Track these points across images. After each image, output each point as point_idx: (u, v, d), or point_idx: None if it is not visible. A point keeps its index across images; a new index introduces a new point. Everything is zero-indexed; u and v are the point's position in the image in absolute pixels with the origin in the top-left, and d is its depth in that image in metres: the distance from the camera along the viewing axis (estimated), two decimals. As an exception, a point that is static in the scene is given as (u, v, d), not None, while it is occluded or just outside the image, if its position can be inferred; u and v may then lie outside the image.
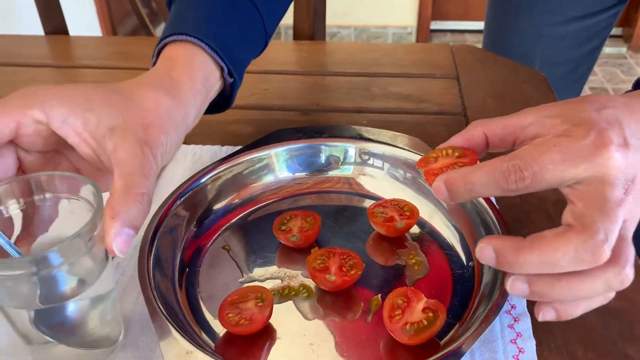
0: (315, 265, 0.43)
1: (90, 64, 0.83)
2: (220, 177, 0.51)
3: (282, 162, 0.54)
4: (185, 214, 0.48)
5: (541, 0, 0.89)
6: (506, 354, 0.39)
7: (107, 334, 0.39)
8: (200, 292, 0.44)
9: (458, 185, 0.35)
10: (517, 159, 0.33)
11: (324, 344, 0.40)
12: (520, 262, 0.32)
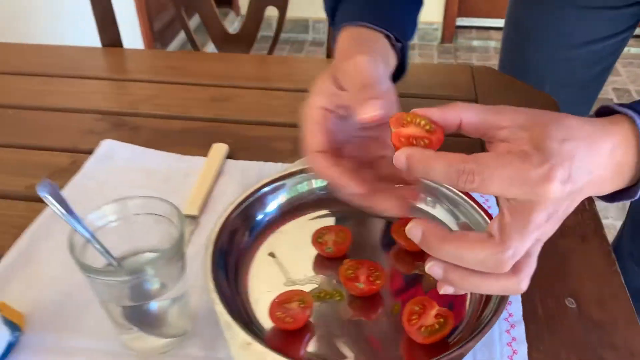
0: (346, 275, 0.52)
1: (142, 78, 0.93)
2: (269, 193, 0.61)
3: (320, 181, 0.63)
4: (240, 224, 0.58)
5: (552, 26, 0.95)
6: (502, 354, 0.47)
7: (180, 326, 0.49)
8: (250, 293, 0.53)
9: (417, 164, 0.40)
10: (473, 164, 0.37)
11: (353, 339, 0.49)
12: (438, 248, 0.40)
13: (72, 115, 0.83)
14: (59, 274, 0.56)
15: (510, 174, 0.37)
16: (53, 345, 0.49)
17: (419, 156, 0.40)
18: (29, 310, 0.52)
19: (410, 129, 0.42)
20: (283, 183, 0.61)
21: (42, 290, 0.54)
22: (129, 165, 0.71)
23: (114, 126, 0.80)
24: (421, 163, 0.40)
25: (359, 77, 0.47)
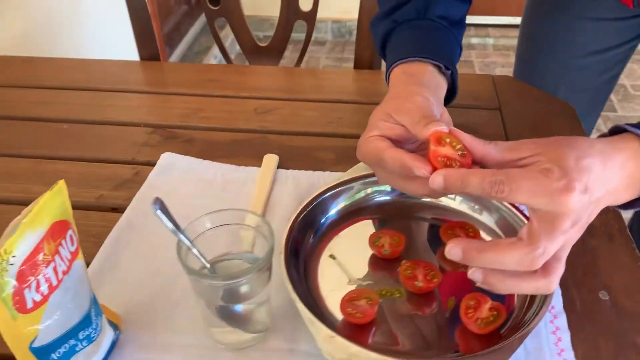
0: (406, 274, 0.59)
1: (185, 91, 0.99)
2: (329, 199, 0.67)
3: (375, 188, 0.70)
4: (304, 229, 0.64)
5: (566, 37, 1.02)
6: (549, 342, 0.54)
7: (264, 322, 0.55)
8: (320, 291, 0.60)
9: (455, 181, 0.47)
10: (503, 176, 0.45)
11: (413, 331, 0.56)
12: (479, 258, 0.46)
13: (125, 129, 0.89)
14: (144, 279, 0.62)
15: (534, 186, 0.44)
16: (150, 342, 0.55)
17: (455, 174, 0.48)
18: (122, 311, 0.58)
19: (446, 150, 0.50)
20: (339, 190, 0.68)
21: (131, 294, 0.60)
22: (189, 177, 0.77)
23: (166, 139, 0.86)
24: (459, 180, 0.47)
25: (418, 112, 0.55)
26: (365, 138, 0.57)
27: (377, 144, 0.55)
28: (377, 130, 0.57)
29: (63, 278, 0.47)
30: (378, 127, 0.57)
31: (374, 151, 0.55)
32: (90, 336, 0.50)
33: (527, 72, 1.11)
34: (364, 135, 0.58)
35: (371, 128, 0.57)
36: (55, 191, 0.47)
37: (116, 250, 0.65)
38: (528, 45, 1.09)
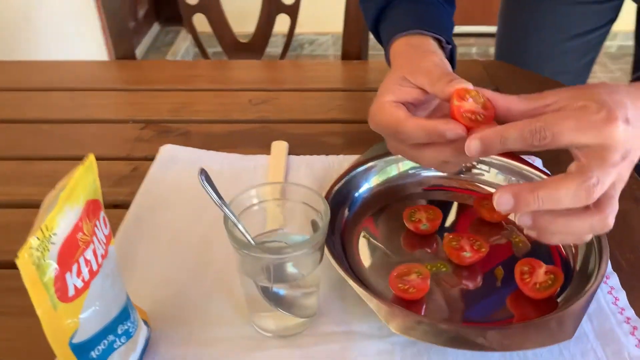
0: (452, 246, 0.56)
1: (171, 87, 0.93)
2: (358, 177, 0.64)
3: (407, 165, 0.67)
4: (337, 207, 0.61)
5: (547, 21, 1.04)
6: (607, 301, 0.53)
7: (313, 307, 0.51)
8: (363, 270, 0.56)
9: (493, 140, 0.44)
10: (542, 122, 0.43)
11: (467, 303, 0.53)
12: (534, 198, 0.43)
13: (112, 126, 0.83)
14: (166, 273, 0.56)
15: (576, 123, 0.42)
16: (186, 337, 0.50)
17: (491, 132, 0.45)
18: (148, 309, 0.52)
19: (470, 104, 0.48)
20: (366, 168, 0.65)
21: (154, 290, 0.55)
22: (194, 168, 0.70)
23: (159, 133, 0.80)
24: (496, 138, 0.44)
25: (437, 71, 0.52)
26: (379, 103, 0.53)
27: (394, 113, 0.51)
28: (392, 95, 0.53)
29: (102, 262, 0.41)
30: (393, 91, 0.53)
31: (392, 121, 0.51)
32: (128, 331, 0.44)
33: (508, 57, 1.12)
34: (377, 101, 0.54)
35: (385, 92, 0.54)
36: (87, 166, 0.41)
37: (129, 247, 0.59)
38: (508, 30, 1.10)
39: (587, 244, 0.56)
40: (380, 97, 0.54)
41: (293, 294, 0.49)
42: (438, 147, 0.50)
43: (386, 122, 0.52)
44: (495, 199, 0.44)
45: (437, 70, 0.52)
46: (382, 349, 0.49)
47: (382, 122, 0.53)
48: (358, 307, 0.52)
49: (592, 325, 0.50)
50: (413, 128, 0.50)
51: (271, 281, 0.46)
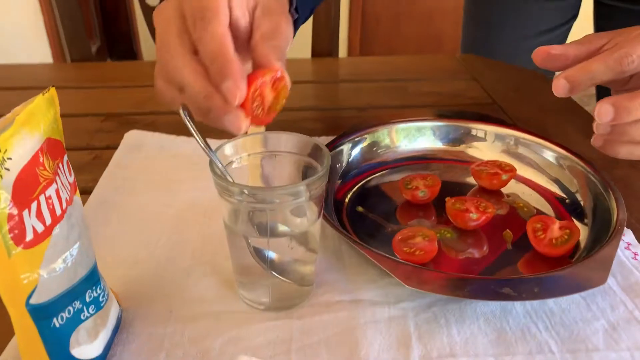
0: (455, 208, 0.52)
1: (133, 84, 0.87)
2: (349, 146, 0.60)
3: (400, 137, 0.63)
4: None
5: (512, 19, 1.04)
6: (627, 257, 0.49)
7: (312, 275, 0.45)
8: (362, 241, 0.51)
9: (580, 76, 0.44)
10: (623, 49, 0.43)
11: (476, 267, 0.48)
12: (635, 105, 0.42)
13: (68, 120, 0.76)
14: (138, 253, 0.49)
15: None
16: (164, 314, 0.43)
17: (576, 69, 0.45)
18: (121, 289, 0.45)
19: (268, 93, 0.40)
20: (349, 142, 0.60)
21: (125, 271, 0.47)
22: (163, 153, 0.65)
23: (122, 125, 0.73)
24: (582, 72, 0.44)
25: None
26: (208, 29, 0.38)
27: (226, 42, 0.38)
28: (225, 17, 0.39)
29: (67, 209, 0.34)
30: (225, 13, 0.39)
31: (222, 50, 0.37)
32: (98, 300, 0.37)
33: (475, 53, 1.11)
34: (206, 27, 0.38)
35: (214, 13, 0.38)
36: (47, 98, 0.35)
37: (93, 229, 0.52)
38: (473, 28, 1.10)
39: (597, 198, 0.52)
40: (207, 22, 0.38)
41: (290, 257, 0.43)
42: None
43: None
44: (596, 111, 0.43)
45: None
46: (394, 314, 0.43)
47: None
48: (361, 275, 0.47)
49: (617, 280, 0.46)
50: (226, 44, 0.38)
51: (267, 234, 0.40)
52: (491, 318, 0.43)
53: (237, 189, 0.38)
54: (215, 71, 0.37)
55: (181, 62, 0.38)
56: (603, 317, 0.43)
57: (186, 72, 0.38)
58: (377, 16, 3.26)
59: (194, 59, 0.38)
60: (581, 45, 0.48)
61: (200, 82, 0.38)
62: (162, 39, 0.40)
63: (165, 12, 0.41)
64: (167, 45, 0.39)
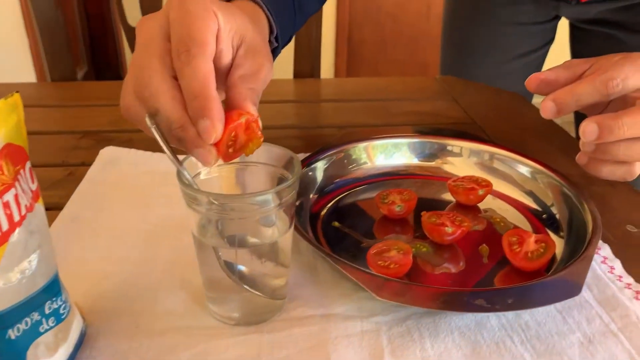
0: (431, 222, 0.51)
1: (111, 103, 0.87)
2: (326, 161, 0.59)
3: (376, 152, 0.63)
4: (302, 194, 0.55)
5: (491, 42, 1.05)
6: (603, 271, 0.48)
7: (284, 289, 0.44)
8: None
9: (567, 98, 0.46)
10: (609, 72, 0.45)
11: (452, 282, 0.47)
12: (619, 124, 0.44)
13: (45, 137, 0.75)
14: (106, 268, 0.48)
15: (634, 67, 0.46)
16: (131, 329, 0.41)
17: (563, 92, 0.47)
18: (87, 303, 0.44)
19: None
20: (325, 158, 0.60)
21: (91, 286, 0.46)
22: (139, 169, 0.64)
23: (99, 142, 0.73)
24: (570, 96, 0.47)
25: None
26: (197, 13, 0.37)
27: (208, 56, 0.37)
28: (211, 52, 0.37)
29: (27, 215, 0.33)
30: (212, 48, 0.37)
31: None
32: (58, 312, 0.36)
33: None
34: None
35: (201, 49, 0.36)
36: (9, 102, 0.34)
37: (61, 245, 0.51)
38: (452, 52, 1.11)
39: (572, 212, 0.52)
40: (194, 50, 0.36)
41: (260, 269, 0.42)
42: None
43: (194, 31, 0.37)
44: (581, 129, 0.45)
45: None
46: (367, 328, 0.42)
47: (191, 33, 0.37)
48: (335, 289, 0.46)
49: (593, 294, 0.46)
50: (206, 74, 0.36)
51: (235, 245, 0.39)
52: (466, 332, 0.42)
53: (205, 198, 0.38)
54: (195, 108, 0.36)
55: (161, 87, 0.37)
56: (579, 330, 0.42)
57: (164, 99, 0.37)
58: (363, 41, 3.31)
59: (173, 86, 0.37)
60: (567, 70, 0.50)
61: (177, 113, 0.36)
62: (142, 57, 0.38)
63: (149, 28, 0.39)
64: (147, 65, 0.38)
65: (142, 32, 0.39)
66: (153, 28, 0.39)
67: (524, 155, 0.60)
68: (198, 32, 0.37)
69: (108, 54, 3.10)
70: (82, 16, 2.82)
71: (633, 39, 0.88)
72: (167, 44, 0.38)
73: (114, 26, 2.94)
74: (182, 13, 0.37)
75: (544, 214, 0.56)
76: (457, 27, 1.09)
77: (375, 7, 3.22)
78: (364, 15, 3.24)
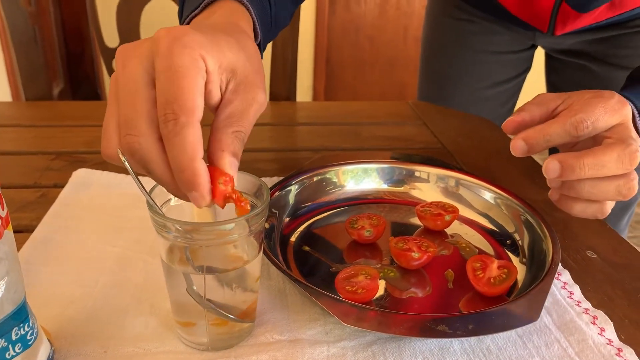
0: (398, 247, 0.52)
1: (86, 123, 0.87)
2: (296, 186, 0.60)
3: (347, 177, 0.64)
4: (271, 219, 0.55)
5: (467, 70, 1.08)
6: (562, 296, 0.50)
7: (253, 313, 0.45)
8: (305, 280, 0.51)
9: (537, 138, 0.48)
10: (579, 114, 0.47)
11: (418, 306, 0.48)
12: (580, 164, 0.45)
13: (18, 158, 0.75)
14: (75, 292, 0.48)
15: (604, 109, 0.47)
16: (99, 355, 0.42)
17: (534, 131, 0.48)
18: (55, 328, 0.44)
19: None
20: (295, 184, 0.61)
21: (60, 310, 0.46)
22: (112, 191, 0.65)
23: (72, 163, 0.73)
24: (540, 134, 0.48)
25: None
26: (187, 48, 0.36)
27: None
28: (199, 115, 0.35)
29: (-5, 242, 0.34)
30: (200, 109, 0.36)
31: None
32: (25, 338, 0.36)
33: (431, 102, 1.15)
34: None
35: (189, 117, 0.35)
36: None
37: (30, 268, 0.51)
38: (430, 79, 1.14)
39: (534, 239, 0.54)
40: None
41: (229, 294, 0.43)
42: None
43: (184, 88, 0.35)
44: (544, 166, 0.47)
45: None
46: (333, 353, 0.43)
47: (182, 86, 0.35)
48: (302, 314, 0.47)
49: (552, 319, 0.47)
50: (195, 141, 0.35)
51: (204, 271, 0.40)
52: (429, 356, 0.43)
53: (173, 226, 0.38)
54: (182, 181, 0.35)
55: (151, 154, 0.35)
56: (538, 354, 0.44)
57: (154, 166, 0.36)
58: (341, 63, 3.35)
59: (163, 151, 0.36)
60: (539, 106, 0.52)
61: (168, 180, 0.36)
62: (128, 110, 0.36)
63: (133, 70, 0.36)
64: (135, 125, 0.35)
65: (125, 72, 0.36)
66: (137, 73, 0.36)
67: (488, 181, 0.61)
68: (186, 95, 0.35)
69: (85, 70, 3.09)
70: (59, 32, 2.81)
71: (605, 71, 0.91)
72: (153, 92, 0.36)
73: (92, 43, 2.93)
74: (169, 66, 0.35)
75: (507, 240, 0.57)
76: (434, 54, 1.12)
77: (354, 29, 3.28)
78: (342, 37, 3.29)
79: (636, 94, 0.53)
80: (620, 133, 0.47)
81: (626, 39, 0.87)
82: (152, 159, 0.36)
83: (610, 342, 0.45)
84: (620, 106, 0.48)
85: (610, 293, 0.51)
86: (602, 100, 0.48)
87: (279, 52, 1.03)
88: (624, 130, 0.47)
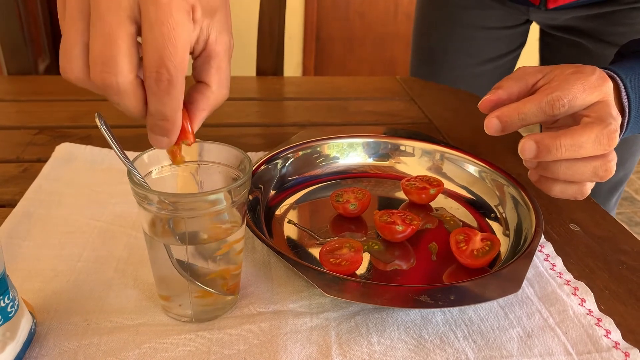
0: (383, 220, 0.52)
1: (70, 98, 0.86)
2: (281, 160, 0.60)
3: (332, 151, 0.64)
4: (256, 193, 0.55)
5: (461, 47, 1.07)
6: (545, 268, 0.50)
7: (232, 284, 0.45)
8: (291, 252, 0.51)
9: (512, 117, 0.46)
10: (556, 91, 0.46)
11: (401, 278, 0.49)
12: (556, 145, 0.44)
13: (1, 132, 0.74)
14: (58, 266, 0.48)
15: (582, 86, 0.46)
16: (81, 327, 0.42)
17: (509, 109, 0.47)
18: (38, 301, 0.44)
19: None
20: (279, 159, 0.61)
21: (43, 284, 0.46)
22: (95, 166, 0.64)
23: (56, 138, 0.72)
24: (515, 112, 0.47)
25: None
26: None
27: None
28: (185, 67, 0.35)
29: (-29, 214, 0.33)
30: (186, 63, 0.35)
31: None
32: (6, 310, 0.36)
33: (423, 77, 1.14)
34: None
35: (179, 78, 0.34)
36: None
37: (12, 243, 0.51)
38: (421, 53, 1.13)
39: (518, 212, 0.54)
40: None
41: (212, 266, 0.43)
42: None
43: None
44: (520, 146, 0.46)
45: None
46: (316, 324, 0.43)
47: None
48: (285, 286, 0.47)
49: (534, 290, 0.48)
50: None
51: (186, 243, 0.40)
52: (411, 327, 0.43)
53: (156, 197, 0.38)
54: (159, 127, 0.35)
55: (127, 88, 0.34)
56: (519, 325, 0.44)
57: (128, 99, 0.34)
58: (331, 39, 3.32)
59: (139, 85, 0.34)
60: (518, 81, 0.50)
61: (138, 112, 0.36)
62: (104, 44, 0.33)
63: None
64: (113, 59, 0.33)
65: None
66: (121, 5, 0.33)
67: (473, 155, 0.61)
68: (181, 55, 0.33)
69: (71, 46, 3.03)
70: (44, 8, 2.76)
71: (599, 48, 0.90)
72: (134, 27, 0.33)
73: (78, 18, 2.88)
74: (163, 21, 0.33)
75: (491, 213, 0.58)
76: (426, 31, 1.10)
77: (344, 5, 3.24)
78: (332, 12, 3.25)
79: (624, 68, 0.51)
80: (600, 111, 0.46)
81: (620, 16, 0.86)
82: (128, 96, 0.34)
83: (590, 313, 0.45)
84: (600, 82, 0.47)
85: (592, 265, 0.52)
86: (581, 76, 0.47)
87: (266, 26, 1.01)
88: (603, 107, 0.46)
